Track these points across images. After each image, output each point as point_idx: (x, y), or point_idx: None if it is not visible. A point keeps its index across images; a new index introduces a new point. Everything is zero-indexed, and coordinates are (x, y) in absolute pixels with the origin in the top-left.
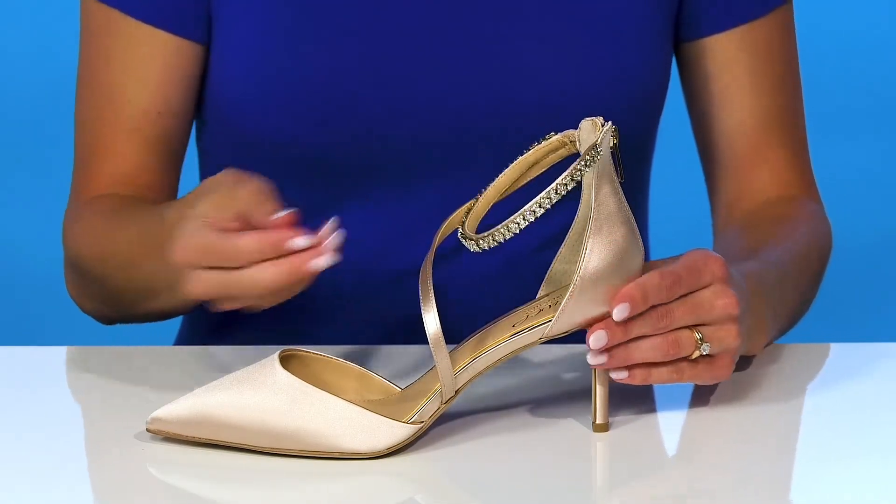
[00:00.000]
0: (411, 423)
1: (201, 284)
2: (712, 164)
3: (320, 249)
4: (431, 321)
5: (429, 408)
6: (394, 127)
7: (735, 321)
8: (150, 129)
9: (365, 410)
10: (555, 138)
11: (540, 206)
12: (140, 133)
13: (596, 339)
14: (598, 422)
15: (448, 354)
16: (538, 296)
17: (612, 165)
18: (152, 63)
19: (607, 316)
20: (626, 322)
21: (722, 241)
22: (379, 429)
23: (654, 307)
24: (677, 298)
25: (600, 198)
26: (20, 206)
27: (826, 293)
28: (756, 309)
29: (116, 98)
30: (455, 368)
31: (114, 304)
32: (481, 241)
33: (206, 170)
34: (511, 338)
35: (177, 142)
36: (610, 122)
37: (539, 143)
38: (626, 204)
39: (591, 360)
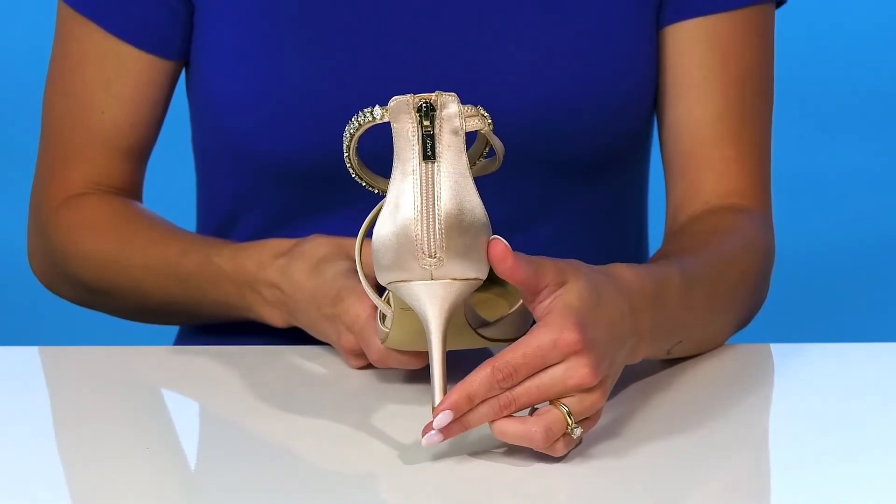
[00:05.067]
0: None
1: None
2: (665, 163)
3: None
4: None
5: (388, 320)
6: (378, 137)
7: (595, 390)
8: (122, 140)
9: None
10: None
11: (344, 139)
12: (112, 143)
13: (438, 422)
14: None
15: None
16: None
17: (417, 145)
18: (125, 78)
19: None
20: (462, 417)
21: (658, 255)
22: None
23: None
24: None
25: (395, 171)
26: (20, 206)
27: (826, 293)
28: (637, 326)
29: (88, 107)
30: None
31: (131, 314)
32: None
33: (202, 171)
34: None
35: (147, 148)
36: (427, 95)
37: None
38: (431, 203)
39: (427, 440)
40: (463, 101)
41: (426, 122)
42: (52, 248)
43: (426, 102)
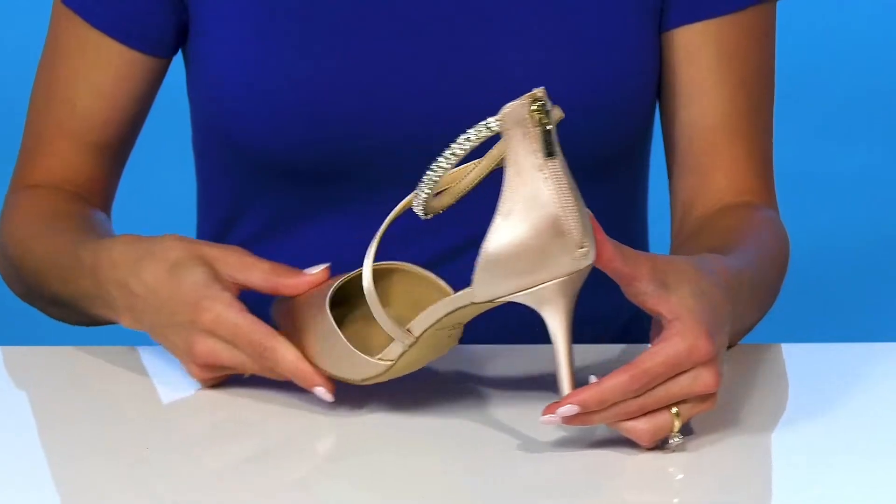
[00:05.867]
0: (378, 359)
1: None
2: (672, 161)
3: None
4: (367, 276)
5: (394, 348)
6: (375, 135)
7: (711, 396)
8: (92, 136)
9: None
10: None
11: (453, 154)
12: (82, 138)
13: (563, 411)
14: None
15: (381, 308)
16: None
17: (537, 144)
18: (104, 72)
19: (530, 286)
20: (587, 414)
21: (686, 248)
22: (352, 360)
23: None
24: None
25: (513, 178)
26: None
27: (825, 293)
28: (733, 323)
29: (64, 100)
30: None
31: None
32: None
33: (202, 171)
34: (445, 300)
35: (119, 148)
36: (534, 93)
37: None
38: (568, 195)
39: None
40: (464, 101)
41: (546, 120)
42: (1, 231)
43: (541, 102)
